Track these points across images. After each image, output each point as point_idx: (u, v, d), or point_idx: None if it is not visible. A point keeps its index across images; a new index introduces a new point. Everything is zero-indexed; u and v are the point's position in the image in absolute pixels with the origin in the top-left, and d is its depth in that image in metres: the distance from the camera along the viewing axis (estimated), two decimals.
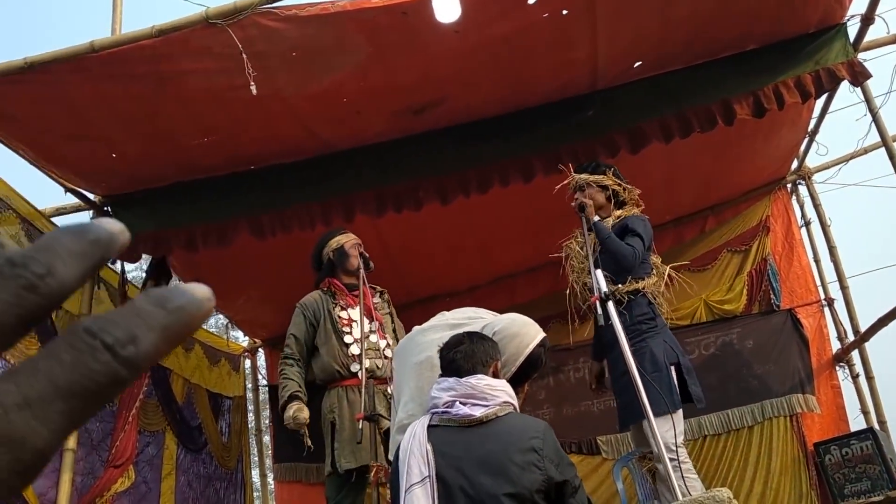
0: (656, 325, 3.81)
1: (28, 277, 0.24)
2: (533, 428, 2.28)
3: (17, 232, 4.59)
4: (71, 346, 0.22)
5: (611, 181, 4.09)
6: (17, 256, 0.24)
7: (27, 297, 0.23)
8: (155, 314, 0.24)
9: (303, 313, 4.31)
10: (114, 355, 0.22)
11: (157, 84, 3.83)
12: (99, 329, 0.23)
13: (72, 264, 0.25)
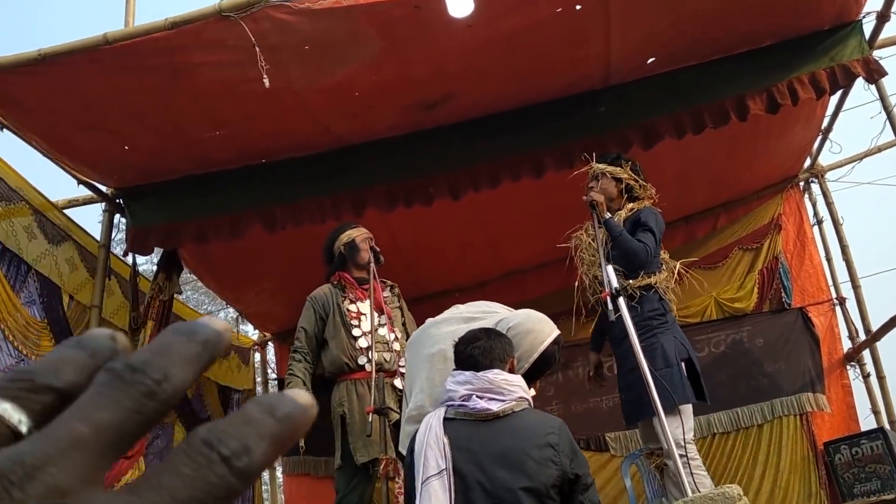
0: (667, 321, 3.79)
1: (148, 384, 0.24)
2: (549, 424, 2.30)
3: (29, 223, 4.61)
4: (190, 459, 0.23)
5: (626, 174, 4.07)
6: (137, 362, 0.25)
7: (147, 403, 0.24)
8: (265, 422, 0.24)
9: (312, 306, 4.32)
10: (230, 468, 0.23)
11: (169, 76, 3.84)
12: (216, 441, 0.23)
13: (185, 368, 0.25)
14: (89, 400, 0.24)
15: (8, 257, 4.36)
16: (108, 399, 0.24)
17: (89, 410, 0.24)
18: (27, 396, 0.25)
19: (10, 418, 0.24)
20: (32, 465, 0.22)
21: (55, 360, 0.26)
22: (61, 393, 0.25)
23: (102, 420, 0.23)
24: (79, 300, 4.90)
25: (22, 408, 0.24)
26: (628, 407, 3.87)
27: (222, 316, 12.57)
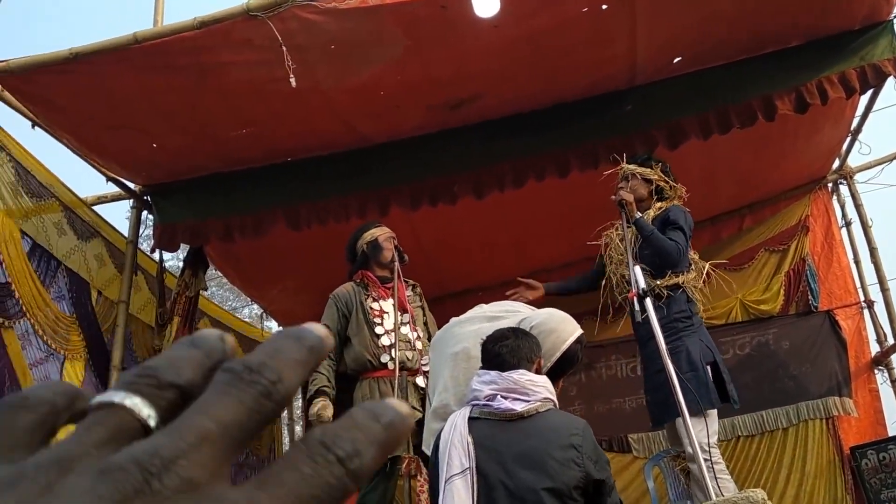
0: (693, 324, 3.77)
1: (265, 384, 0.26)
2: (573, 425, 2.29)
3: (59, 219, 4.68)
4: (310, 459, 0.24)
5: (656, 176, 4.04)
6: (254, 364, 0.26)
7: (265, 403, 0.25)
8: (372, 428, 0.26)
9: (335, 304, 4.34)
10: (345, 469, 0.24)
11: (197, 76, 3.88)
12: (331, 443, 0.25)
13: (296, 371, 0.27)
14: (213, 398, 0.25)
15: (38, 253, 4.43)
16: (231, 398, 0.25)
17: (214, 408, 0.25)
18: (154, 392, 0.26)
19: (140, 413, 0.25)
20: (167, 457, 0.23)
21: (174, 359, 0.27)
22: (182, 390, 0.26)
23: (226, 417, 0.25)
24: (107, 295, 4.97)
25: (150, 403, 0.25)
26: (655, 408, 3.85)
27: (246, 313, 12.69)
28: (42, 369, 4.29)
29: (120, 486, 0.22)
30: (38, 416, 0.26)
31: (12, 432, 0.25)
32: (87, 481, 0.22)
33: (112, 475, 0.22)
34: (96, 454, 0.24)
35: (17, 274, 4.15)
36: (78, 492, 0.22)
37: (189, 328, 5.11)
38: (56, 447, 0.24)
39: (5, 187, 4.25)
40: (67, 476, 0.23)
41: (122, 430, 0.25)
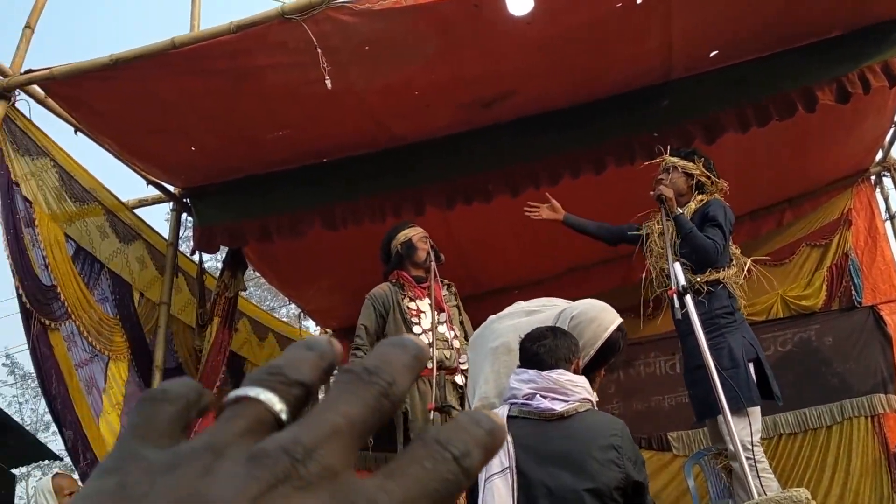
0: (735, 320, 3.71)
1: (383, 385, 0.28)
2: (612, 426, 2.29)
3: (102, 223, 4.78)
4: (430, 455, 0.26)
5: (698, 171, 3.97)
6: (370, 367, 0.29)
7: (383, 402, 0.28)
8: (477, 432, 0.27)
9: (372, 304, 4.37)
10: (459, 466, 0.26)
11: (234, 79, 3.93)
12: (447, 442, 0.27)
13: (406, 375, 0.29)
14: (339, 396, 0.27)
15: (82, 256, 4.53)
16: (355, 396, 0.27)
17: (341, 405, 0.27)
18: (283, 389, 0.28)
19: (274, 406, 0.27)
20: (309, 446, 0.25)
21: (295, 359, 0.29)
22: (306, 387, 0.29)
23: (352, 414, 0.27)
24: (149, 297, 5.05)
25: (281, 398, 0.28)
26: (696, 403, 3.80)
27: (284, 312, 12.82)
28: (87, 370, 4.39)
29: (271, 470, 0.24)
30: (178, 409, 0.29)
31: (159, 422, 0.28)
32: (241, 465, 0.25)
33: (263, 461, 0.25)
34: (240, 442, 0.26)
35: (62, 277, 4.24)
36: (233, 475, 0.24)
37: (229, 329, 5.18)
38: (203, 435, 0.26)
39: (50, 192, 4.34)
40: (221, 460, 0.25)
41: (259, 422, 0.27)
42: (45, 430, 18.20)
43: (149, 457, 0.26)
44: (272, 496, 0.24)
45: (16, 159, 4.11)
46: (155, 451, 0.26)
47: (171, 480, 0.24)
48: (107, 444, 4.36)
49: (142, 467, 0.25)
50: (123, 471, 0.25)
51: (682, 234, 3.74)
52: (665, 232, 3.69)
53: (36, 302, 4.05)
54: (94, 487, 0.25)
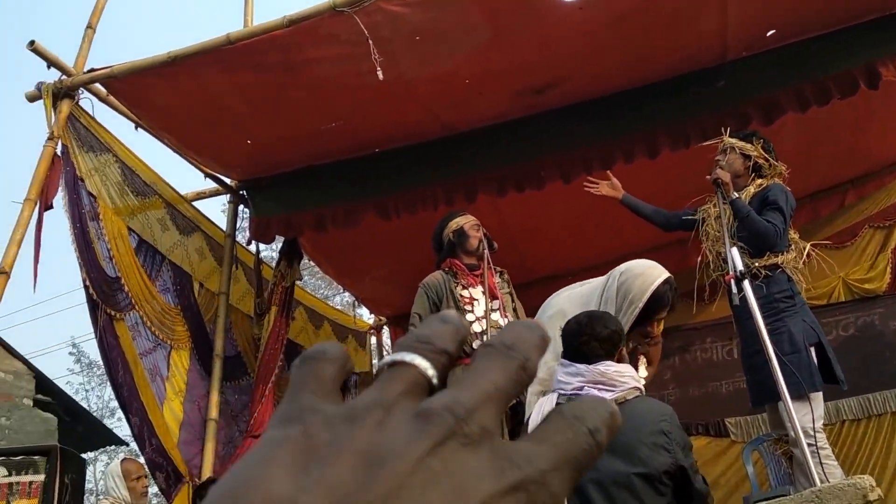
0: (795, 304, 3.63)
1: (521, 359, 0.30)
2: (661, 412, 2.31)
3: (162, 216, 4.91)
4: (568, 427, 0.29)
5: (756, 152, 3.87)
6: (508, 342, 0.31)
7: (522, 374, 0.30)
8: (604, 413, 0.30)
9: (426, 293, 4.39)
10: (594, 439, 0.29)
11: (287, 72, 4.00)
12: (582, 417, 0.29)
13: (536, 353, 0.31)
14: (485, 367, 0.30)
15: (144, 248, 4.66)
16: (499, 367, 0.30)
17: (490, 374, 0.30)
18: (433, 356, 0.31)
19: (427, 372, 0.30)
20: (469, 408, 0.27)
21: (437, 331, 0.32)
22: (450, 356, 0.31)
23: (498, 382, 0.29)
24: (208, 287, 5.18)
25: (432, 364, 0.30)
26: (754, 389, 3.73)
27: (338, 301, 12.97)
28: (151, 358, 4.52)
29: (438, 427, 0.27)
30: (336, 368, 0.31)
31: (323, 380, 0.30)
32: (410, 421, 0.27)
33: (431, 418, 0.27)
34: (403, 401, 0.28)
35: (125, 268, 4.38)
36: (406, 429, 0.27)
37: (286, 317, 5.27)
38: (370, 393, 0.29)
39: (113, 187, 4.48)
40: (391, 416, 0.27)
41: (415, 385, 0.29)
42: (110, 417, 18.80)
43: (325, 410, 0.29)
44: (442, 450, 0.26)
45: (80, 156, 4.25)
46: (328, 405, 0.29)
47: (351, 431, 0.27)
48: (170, 429, 4.50)
49: (321, 418, 0.28)
50: (305, 421, 0.28)
51: (740, 218, 3.66)
52: (722, 215, 3.62)
53: (102, 293, 4.18)
54: (281, 434, 0.28)
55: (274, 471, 0.26)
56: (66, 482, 4.41)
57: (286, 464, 0.26)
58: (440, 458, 0.26)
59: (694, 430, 5.67)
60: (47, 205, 3.97)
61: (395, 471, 0.26)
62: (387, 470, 0.26)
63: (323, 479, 0.25)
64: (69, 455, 4.59)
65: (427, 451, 0.26)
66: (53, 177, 4.01)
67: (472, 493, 0.26)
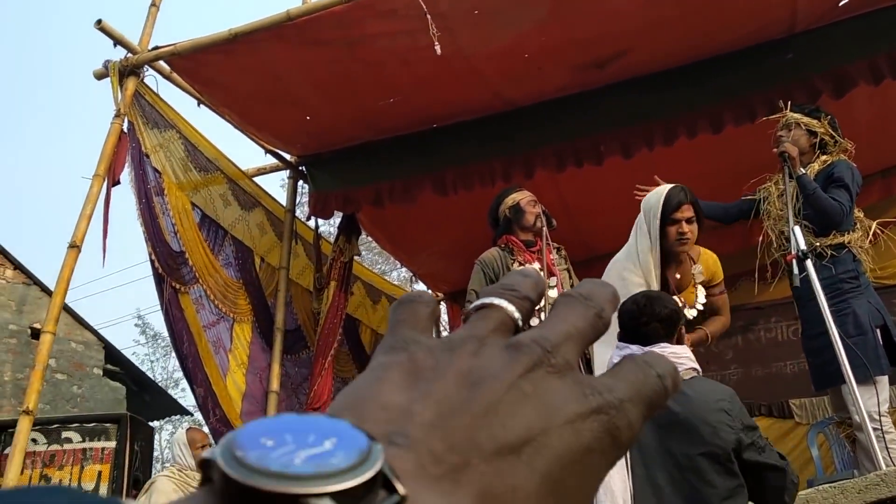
0: (860, 285, 3.52)
1: (598, 308, 0.34)
2: (720, 391, 2.32)
3: (224, 191, 5.00)
4: (639, 369, 0.32)
5: (822, 128, 3.73)
6: (586, 293, 0.35)
7: (598, 322, 0.34)
8: (669, 364, 0.33)
9: (482, 269, 4.38)
10: (662, 382, 0.32)
11: (346, 48, 4.01)
12: (652, 363, 0.33)
13: (609, 308, 0.35)
14: (567, 312, 0.34)
15: (207, 223, 4.76)
16: (579, 313, 0.33)
17: (570, 318, 0.33)
18: (518, 301, 0.34)
19: (513, 314, 0.33)
20: (555, 343, 0.31)
21: (519, 282, 0.35)
22: (532, 302, 0.35)
23: (578, 325, 0.33)
24: (269, 262, 5.27)
25: (516, 308, 0.34)
26: (816, 372, 3.63)
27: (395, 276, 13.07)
28: (214, 331, 4.64)
29: (528, 355, 0.30)
30: (430, 310, 0.35)
31: (420, 317, 0.34)
32: (503, 351, 0.30)
33: (521, 348, 0.30)
34: (494, 336, 0.32)
35: (189, 243, 4.48)
36: (500, 356, 0.30)
37: (345, 292, 5.34)
38: (465, 328, 0.33)
39: (176, 163, 4.58)
40: (485, 347, 0.31)
41: (503, 324, 0.33)
42: (174, 387, 19.38)
43: (426, 341, 0.32)
44: (532, 375, 0.29)
45: (146, 132, 4.35)
46: (427, 338, 0.33)
47: (451, 357, 0.30)
48: (234, 401, 4.61)
49: (423, 347, 0.31)
50: (409, 349, 0.31)
51: (805, 195, 3.55)
52: (786, 193, 3.50)
53: (167, 267, 4.30)
54: (388, 360, 0.31)
55: (386, 386, 0.29)
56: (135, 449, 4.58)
57: (396, 381, 0.30)
58: (531, 381, 0.29)
59: (756, 411, 5.57)
60: (115, 180, 4.09)
61: (492, 388, 0.29)
62: (485, 387, 0.29)
63: (431, 393, 0.29)
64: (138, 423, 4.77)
65: (519, 374, 0.29)
66: (120, 153, 4.12)
67: (559, 412, 0.29)
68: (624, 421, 0.30)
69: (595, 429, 0.29)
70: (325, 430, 0.24)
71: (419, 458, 0.26)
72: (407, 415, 0.28)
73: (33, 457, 4.32)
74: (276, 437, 0.24)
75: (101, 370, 9.11)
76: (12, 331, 8.17)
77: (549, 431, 0.28)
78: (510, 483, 0.27)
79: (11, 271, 8.35)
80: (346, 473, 0.23)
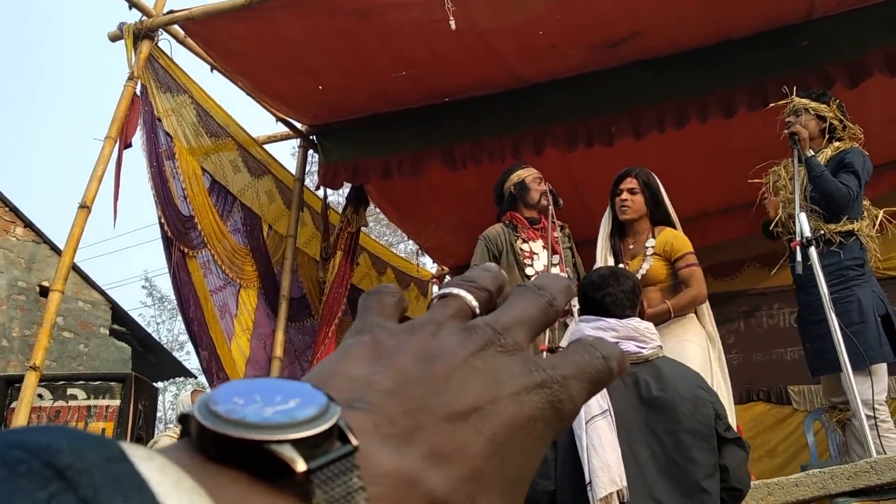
0: (864, 273, 3.52)
1: (549, 298, 0.37)
2: (689, 368, 2.42)
3: (235, 158, 5.02)
4: (585, 351, 0.35)
5: (831, 113, 3.70)
6: (538, 284, 0.38)
7: (549, 310, 0.37)
8: (615, 349, 0.36)
9: (485, 245, 4.40)
10: (606, 363, 0.35)
11: (360, 18, 4.00)
12: (597, 345, 0.36)
13: (563, 297, 0.38)
14: (519, 300, 0.37)
15: (217, 189, 4.79)
16: (530, 301, 0.36)
17: (521, 305, 0.36)
18: (476, 292, 0.37)
19: (471, 302, 0.37)
20: (505, 326, 0.34)
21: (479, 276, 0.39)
22: (490, 294, 0.38)
23: (530, 312, 0.36)
24: (276, 230, 5.30)
25: (475, 297, 0.37)
26: (815, 358, 3.64)
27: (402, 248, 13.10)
28: (221, 296, 4.68)
29: (480, 336, 0.33)
30: (395, 300, 0.39)
31: (386, 306, 0.38)
32: (459, 332, 0.34)
33: (475, 330, 0.33)
34: (452, 320, 0.35)
35: (199, 208, 4.51)
36: (455, 337, 0.33)
37: (351, 262, 5.38)
38: (425, 315, 0.36)
39: (188, 127, 4.60)
40: (442, 330, 0.34)
41: (462, 311, 0.36)
42: (179, 350, 19.58)
43: (389, 325, 0.36)
44: (483, 353, 0.33)
45: (158, 96, 4.37)
46: (391, 323, 0.36)
47: (411, 339, 0.33)
48: (237, 365, 4.67)
49: (387, 331, 0.35)
50: (374, 333, 0.35)
51: (812, 177, 3.53)
52: (795, 178, 3.49)
53: (176, 231, 4.33)
54: (356, 342, 0.34)
55: (351, 361, 0.33)
56: (139, 408, 4.65)
57: (360, 357, 0.33)
58: (481, 358, 0.32)
59: (755, 396, 5.61)
60: (126, 143, 4.11)
61: (446, 363, 0.32)
62: (439, 363, 0.32)
63: (391, 367, 0.32)
64: (143, 383, 4.84)
65: (471, 352, 0.32)
66: (133, 116, 4.13)
67: (506, 385, 0.32)
68: (566, 395, 0.33)
69: (538, 401, 0.32)
70: (291, 392, 0.27)
71: (375, 420, 0.29)
72: (367, 384, 0.31)
73: (39, 412, 4.39)
74: (247, 396, 0.27)
75: (108, 330, 9.19)
76: (21, 288, 8.25)
77: (496, 401, 0.31)
78: (458, 444, 0.29)
79: (22, 229, 8.42)
80: (304, 424, 0.25)
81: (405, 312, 0.39)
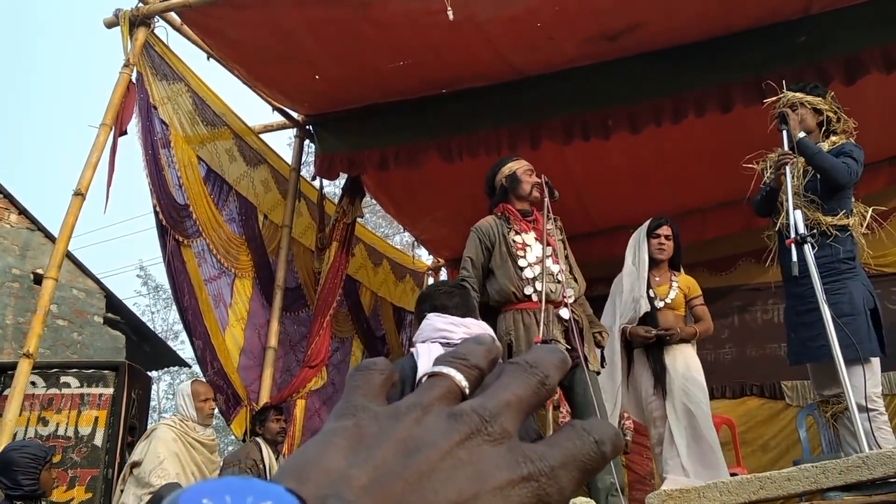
0: (855, 266, 3.52)
1: (541, 376, 0.36)
2: None
3: (230, 146, 5.01)
4: (577, 436, 0.34)
5: (827, 105, 3.68)
6: (531, 361, 0.37)
7: (541, 389, 0.36)
8: (611, 430, 0.35)
9: (478, 237, 4.38)
10: (599, 448, 0.34)
11: (357, 8, 3.99)
12: (590, 430, 0.34)
13: (556, 373, 0.37)
14: (510, 380, 0.36)
15: (212, 178, 4.78)
16: (521, 381, 0.35)
17: (512, 386, 0.35)
18: (466, 371, 0.36)
19: (461, 382, 0.36)
20: (493, 412, 0.33)
21: (471, 350, 0.38)
22: (482, 371, 0.37)
23: (519, 394, 0.35)
24: (272, 219, 5.29)
25: (465, 377, 0.36)
26: (798, 346, 3.62)
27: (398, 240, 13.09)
28: (215, 285, 4.67)
29: (467, 424, 0.32)
30: (384, 377, 0.38)
31: (373, 386, 0.37)
32: (444, 420, 0.33)
33: (461, 417, 0.33)
34: (439, 404, 0.34)
35: (194, 196, 4.50)
36: (440, 425, 0.32)
37: (346, 253, 5.37)
38: (412, 397, 0.35)
39: (184, 116, 4.58)
40: (428, 415, 0.33)
41: (450, 392, 0.35)
42: (173, 339, 19.48)
43: (374, 408, 0.35)
44: (468, 443, 0.32)
45: (154, 84, 4.35)
46: (377, 405, 0.35)
47: (394, 425, 0.33)
48: (231, 354, 4.67)
49: (370, 415, 0.34)
50: (357, 416, 0.34)
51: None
52: (787, 176, 3.46)
53: (171, 219, 4.32)
54: (338, 425, 0.34)
55: (331, 451, 0.32)
56: (132, 397, 4.64)
57: (341, 447, 0.32)
58: (467, 449, 0.31)
59: (749, 391, 5.63)
60: (122, 130, 4.08)
61: (428, 456, 0.31)
62: (422, 455, 0.31)
63: (370, 459, 0.31)
64: (136, 372, 4.82)
65: (456, 443, 0.32)
66: (128, 103, 4.11)
67: (490, 479, 0.31)
68: (554, 487, 0.32)
69: (524, 495, 0.31)
70: (262, 494, 0.26)
71: None
72: (345, 478, 0.30)
73: (32, 399, 4.37)
74: (217, 498, 0.26)
75: (102, 318, 9.17)
76: (15, 275, 8.22)
77: (479, 496, 0.30)
78: None
79: (16, 216, 8.39)
80: None
81: (394, 389, 0.38)
